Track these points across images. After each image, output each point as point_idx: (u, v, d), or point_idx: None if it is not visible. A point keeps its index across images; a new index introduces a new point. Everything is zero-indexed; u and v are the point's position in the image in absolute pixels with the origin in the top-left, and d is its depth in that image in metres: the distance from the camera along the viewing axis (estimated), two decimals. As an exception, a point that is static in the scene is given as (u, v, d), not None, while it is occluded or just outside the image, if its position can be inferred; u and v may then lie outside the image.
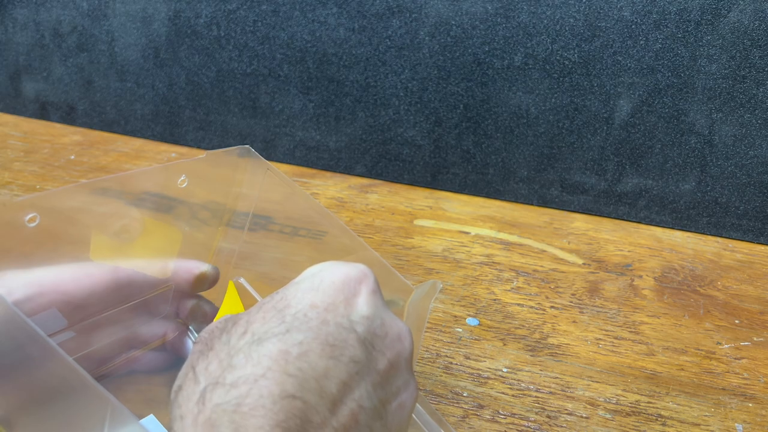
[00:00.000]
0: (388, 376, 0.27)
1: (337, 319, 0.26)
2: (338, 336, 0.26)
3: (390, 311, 0.29)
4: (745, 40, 0.55)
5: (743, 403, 0.41)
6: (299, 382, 0.23)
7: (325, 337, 0.26)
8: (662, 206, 0.61)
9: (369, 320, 0.27)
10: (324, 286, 0.28)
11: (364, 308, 0.28)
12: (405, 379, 0.28)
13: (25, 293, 0.31)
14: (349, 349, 0.26)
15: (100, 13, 0.73)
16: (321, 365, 0.24)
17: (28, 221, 0.30)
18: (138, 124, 0.76)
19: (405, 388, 0.28)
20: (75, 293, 0.33)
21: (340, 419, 0.24)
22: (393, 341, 0.28)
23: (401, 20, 0.63)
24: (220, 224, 0.42)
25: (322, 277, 0.28)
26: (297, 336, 0.25)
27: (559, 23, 0.59)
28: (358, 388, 0.25)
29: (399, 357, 0.28)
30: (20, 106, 0.80)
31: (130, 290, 0.36)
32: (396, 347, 0.28)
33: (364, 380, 0.26)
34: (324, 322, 0.26)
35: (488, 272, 0.53)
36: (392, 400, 0.27)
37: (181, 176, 0.37)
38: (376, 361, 0.27)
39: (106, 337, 0.36)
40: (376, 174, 0.69)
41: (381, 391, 0.26)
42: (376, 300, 0.29)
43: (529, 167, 0.64)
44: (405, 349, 0.28)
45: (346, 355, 0.25)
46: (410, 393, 0.28)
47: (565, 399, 0.40)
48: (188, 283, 0.38)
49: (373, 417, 0.25)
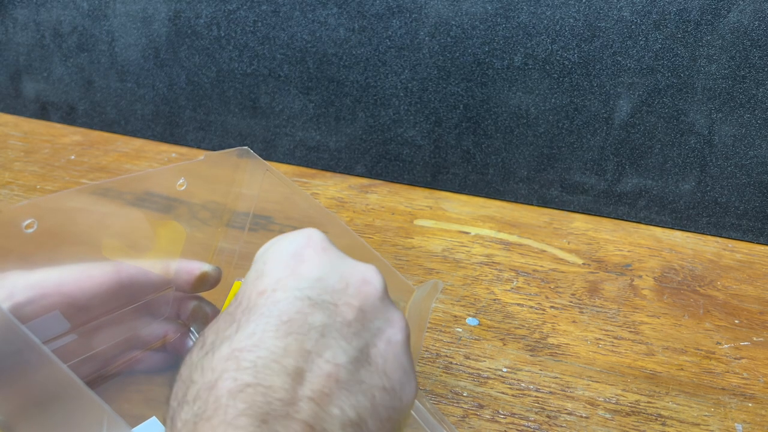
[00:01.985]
0: (362, 321, 0.27)
1: (286, 294, 0.26)
2: (290, 310, 0.26)
3: (349, 259, 0.29)
4: (745, 40, 0.55)
5: (743, 402, 0.41)
6: (255, 371, 0.23)
7: (278, 317, 0.25)
8: (662, 206, 0.61)
9: (320, 281, 0.27)
10: (268, 268, 0.28)
11: (313, 271, 0.27)
12: (384, 316, 0.28)
13: (27, 295, 0.31)
14: (305, 317, 0.25)
15: (100, 13, 0.73)
16: (279, 345, 0.24)
17: (25, 227, 0.30)
18: (138, 125, 0.76)
19: (388, 323, 0.28)
20: (77, 295, 0.33)
21: (313, 386, 0.24)
22: (357, 287, 0.28)
23: (401, 20, 0.63)
24: (220, 224, 0.42)
25: (265, 258, 0.28)
26: (247, 330, 0.25)
27: (558, 23, 0.59)
28: (327, 349, 0.25)
29: (368, 299, 0.27)
30: (20, 106, 0.80)
31: (132, 291, 0.36)
32: (362, 291, 0.28)
33: (332, 339, 0.25)
34: (274, 303, 0.26)
35: (488, 272, 0.53)
36: (375, 342, 0.27)
37: (180, 179, 0.37)
38: (342, 314, 0.26)
39: (107, 339, 0.36)
40: (376, 174, 0.69)
41: (357, 339, 0.26)
42: (326, 257, 0.28)
43: (529, 167, 0.64)
44: (374, 288, 0.28)
45: (303, 325, 0.25)
46: (396, 326, 0.28)
47: (565, 399, 0.40)
48: (189, 284, 0.38)
49: (357, 367, 0.25)
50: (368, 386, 0.25)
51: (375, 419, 0.25)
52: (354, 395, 0.25)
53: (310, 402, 0.23)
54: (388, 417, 0.26)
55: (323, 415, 0.23)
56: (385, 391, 0.26)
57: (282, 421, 0.22)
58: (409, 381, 0.27)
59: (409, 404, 0.27)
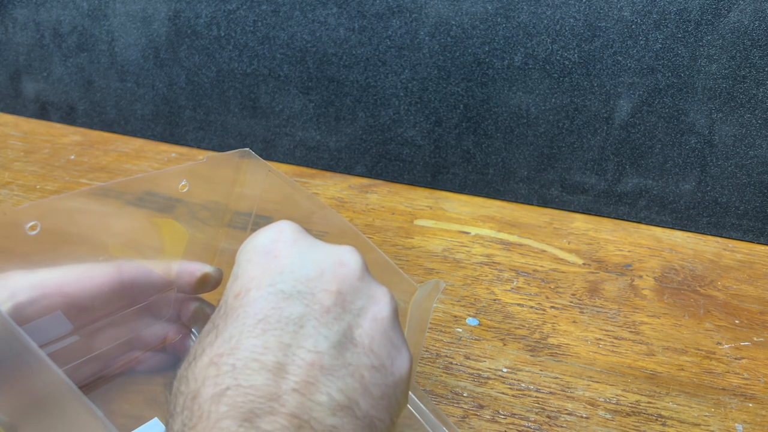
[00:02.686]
0: (341, 304, 0.26)
1: (260, 292, 0.26)
2: (265, 308, 0.26)
3: (324, 245, 0.29)
4: (746, 40, 0.55)
5: (743, 403, 0.41)
6: (234, 374, 0.23)
7: (254, 316, 0.25)
8: (662, 206, 0.61)
9: (293, 272, 0.27)
10: (241, 269, 0.28)
11: (286, 265, 0.27)
12: (366, 294, 0.28)
13: (28, 296, 0.31)
14: (280, 312, 0.25)
15: (100, 13, 0.73)
16: (257, 344, 0.24)
17: (29, 229, 0.30)
18: (138, 124, 0.76)
19: (371, 301, 0.27)
20: (79, 295, 0.33)
21: (296, 378, 0.24)
22: (333, 272, 0.27)
23: (401, 20, 0.63)
24: (220, 225, 0.42)
25: (239, 261, 0.28)
26: (225, 334, 0.25)
27: (559, 23, 0.59)
28: (308, 338, 0.25)
29: (345, 281, 0.27)
30: (20, 106, 0.80)
31: (134, 292, 0.36)
32: (339, 274, 0.27)
33: (311, 328, 0.25)
34: (249, 303, 0.26)
35: (488, 272, 0.53)
36: (359, 322, 0.27)
37: (182, 180, 0.37)
38: (319, 302, 0.26)
39: (109, 340, 0.36)
40: (376, 174, 0.69)
41: (338, 323, 0.26)
42: (298, 248, 0.28)
43: (529, 167, 0.64)
44: (351, 269, 0.28)
45: (280, 320, 0.25)
46: (380, 302, 0.28)
47: (565, 399, 0.40)
48: (191, 285, 0.38)
49: (340, 351, 0.25)
50: (355, 367, 0.25)
51: (367, 398, 0.25)
52: (341, 379, 0.24)
53: (294, 394, 0.23)
54: (381, 394, 0.25)
55: (310, 404, 0.23)
56: (375, 369, 0.26)
57: (266, 417, 0.22)
58: (399, 354, 0.27)
59: (404, 378, 0.27)
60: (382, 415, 0.25)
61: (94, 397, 0.35)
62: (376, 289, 0.28)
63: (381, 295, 0.28)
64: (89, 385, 0.36)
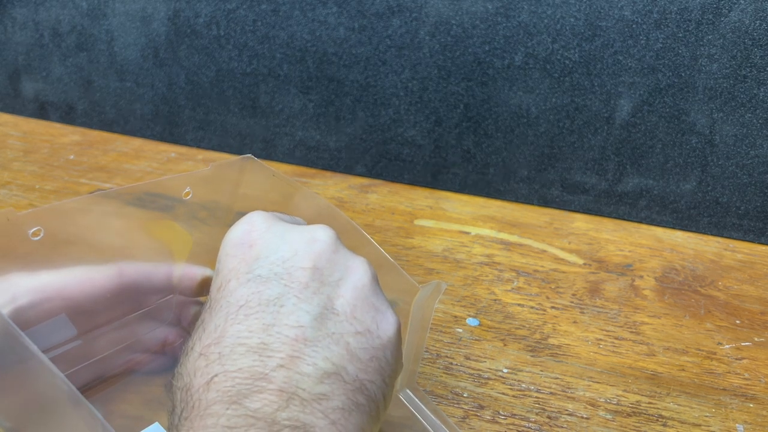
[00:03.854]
0: (319, 279, 0.27)
1: (240, 280, 0.27)
2: (245, 294, 0.26)
3: (297, 227, 0.30)
4: (746, 39, 0.55)
5: (744, 403, 0.40)
6: (221, 361, 0.24)
7: (235, 303, 0.26)
8: (663, 206, 0.61)
9: (267, 257, 0.28)
10: (221, 265, 0.29)
11: (261, 251, 0.28)
12: (342, 266, 0.28)
13: (30, 299, 0.31)
14: (260, 295, 0.26)
15: (99, 12, 0.73)
16: (240, 329, 0.25)
17: (32, 235, 0.30)
18: (137, 124, 0.76)
19: (348, 272, 0.28)
20: (80, 299, 0.33)
21: (281, 354, 0.24)
22: (307, 249, 0.28)
23: (401, 20, 0.63)
24: (221, 225, 0.42)
25: (219, 256, 0.29)
26: (210, 326, 0.26)
27: (559, 23, 0.59)
28: (289, 315, 0.25)
29: (320, 256, 0.28)
30: (19, 105, 0.80)
31: (135, 295, 0.36)
32: (313, 251, 0.28)
33: (291, 306, 0.26)
34: (230, 293, 0.27)
35: (489, 272, 0.53)
36: (339, 293, 0.27)
37: (185, 188, 0.37)
38: (296, 279, 0.27)
39: (109, 344, 0.36)
40: (376, 174, 0.69)
41: (317, 297, 0.26)
42: (271, 234, 0.29)
43: (529, 167, 0.64)
44: (324, 244, 0.28)
45: (260, 303, 0.26)
46: (358, 271, 0.28)
47: (566, 399, 0.40)
48: (191, 289, 0.38)
49: (322, 322, 0.26)
50: (339, 335, 0.26)
51: (354, 363, 0.25)
52: (326, 348, 0.25)
53: (280, 369, 0.24)
54: (369, 357, 0.26)
55: (296, 377, 0.24)
56: (359, 335, 0.26)
57: (255, 396, 0.23)
58: (384, 317, 0.28)
59: (392, 339, 0.27)
60: (373, 377, 0.26)
61: (94, 400, 0.35)
62: (353, 260, 0.29)
63: (358, 265, 0.29)
64: (89, 387, 0.36)
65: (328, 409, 0.23)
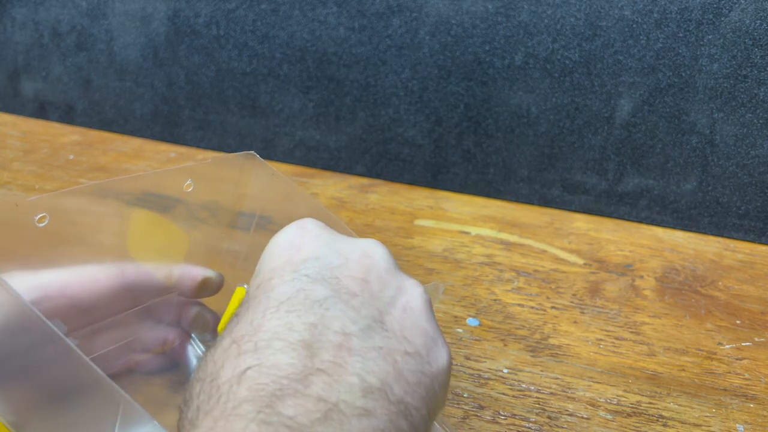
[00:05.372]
0: (369, 292, 0.26)
1: (284, 278, 0.26)
2: (289, 291, 0.25)
3: (348, 238, 0.28)
4: (747, 39, 0.55)
5: (744, 403, 0.40)
6: (256, 353, 0.22)
7: (276, 299, 0.25)
8: (663, 206, 0.61)
9: (317, 260, 0.26)
10: (264, 265, 0.27)
11: (308, 255, 0.27)
12: (395, 286, 0.27)
13: (31, 297, 0.31)
14: (305, 294, 0.25)
15: (99, 12, 0.73)
16: (280, 324, 0.23)
17: (37, 221, 0.30)
18: (137, 124, 0.76)
19: (401, 292, 0.27)
20: (81, 297, 0.33)
21: (323, 358, 0.22)
22: (358, 261, 0.27)
23: (401, 19, 0.63)
24: (222, 225, 0.42)
25: (262, 257, 0.28)
26: (246, 318, 0.24)
27: (559, 22, 0.59)
28: (335, 320, 0.24)
29: (371, 271, 0.27)
30: (19, 105, 0.80)
31: (136, 294, 0.36)
32: (365, 264, 0.27)
33: (338, 311, 0.24)
34: (271, 289, 0.25)
35: (489, 272, 0.53)
36: (389, 310, 0.26)
37: (186, 180, 0.37)
38: (345, 287, 0.25)
39: (109, 343, 0.36)
40: (376, 174, 0.69)
41: (366, 309, 0.25)
42: (322, 240, 0.28)
43: (529, 167, 0.64)
44: (377, 260, 0.27)
45: (305, 301, 0.24)
46: (411, 293, 0.27)
47: (566, 400, 0.40)
48: (191, 290, 0.38)
49: (370, 334, 0.24)
50: (387, 351, 0.24)
51: (401, 383, 0.23)
52: (372, 361, 0.23)
53: (321, 374, 0.22)
54: (417, 381, 0.24)
55: (338, 386, 0.22)
56: (409, 356, 0.24)
57: (290, 400, 0.20)
58: (436, 346, 0.26)
59: (443, 371, 0.25)
60: (419, 403, 0.23)
61: None
62: (406, 281, 0.27)
63: (411, 287, 0.27)
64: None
65: (367, 429, 0.21)
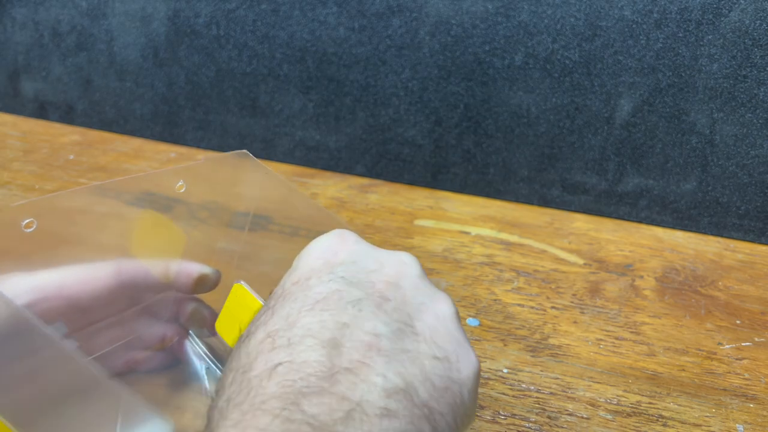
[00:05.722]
0: (402, 297, 0.27)
1: (321, 279, 0.26)
2: (324, 291, 0.26)
3: (384, 249, 0.29)
4: (747, 39, 0.55)
5: (744, 403, 0.40)
6: (289, 349, 0.23)
7: (313, 297, 0.25)
8: (663, 206, 0.61)
9: (353, 263, 0.27)
10: (302, 263, 0.28)
11: (345, 258, 0.28)
12: (427, 294, 0.28)
13: (28, 298, 0.31)
14: (340, 294, 0.25)
15: (99, 12, 0.73)
16: (314, 321, 0.24)
17: (24, 227, 0.30)
18: (137, 124, 0.76)
19: (432, 299, 0.27)
20: (79, 297, 0.33)
21: (351, 356, 0.23)
22: (393, 267, 0.28)
23: (401, 19, 0.63)
24: (220, 224, 0.42)
25: (300, 255, 0.29)
26: (281, 313, 0.25)
27: (559, 22, 0.59)
28: (366, 321, 0.24)
29: (405, 277, 0.28)
30: (19, 105, 0.80)
31: (133, 292, 0.36)
32: (399, 270, 0.28)
33: (370, 313, 0.25)
34: (308, 288, 0.26)
35: (489, 272, 0.53)
36: (420, 316, 0.26)
37: (179, 181, 0.37)
38: (379, 291, 0.26)
39: (108, 342, 0.36)
40: (376, 174, 0.69)
41: (397, 313, 0.26)
42: (360, 247, 0.29)
43: (529, 167, 0.64)
44: (411, 268, 0.28)
45: (339, 301, 0.25)
46: (442, 302, 0.27)
47: (566, 400, 0.40)
48: (188, 286, 0.38)
49: (400, 337, 0.25)
50: (416, 354, 0.24)
51: (427, 387, 0.23)
52: (399, 362, 0.23)
53: (347, 373, 0.22)
54: (444, 386, 0.24)
55: (363, 386, 0.22)
56: (437, 360, 0.25)
57: (315, 398, 0.21)
58: (466, 353, 0.26)
59: (471, 378, 0.26)
60: (444, 409, 0.24)
61: None
62: (437, 292, 0.28)
63: (442, 297, 0.28)
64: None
65: (389, 430, 0.21)
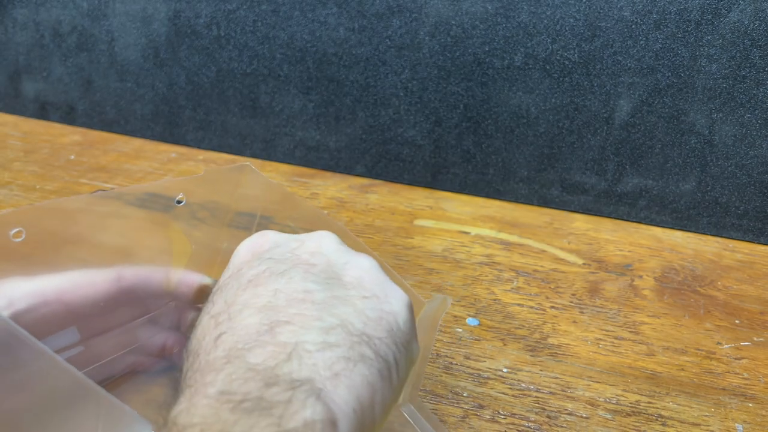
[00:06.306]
0: (325, 262, 0.29)
1: (251, 265, 0.29)
2: (254, 272, 0.28)
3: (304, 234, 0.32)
4: (745, 39, 0.55)
5: (743, 403, 0.41)
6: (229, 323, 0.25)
7: (245, 280, 0.28)
8: (662, 206, 0.61)
9: (278, 247, 0.30)
10: (233, 260, 0.31)
11: (270, 246, 0.30)
12: (349, 254, 0.30)
13: (27, 303, 0.30)
14: (270, 270, 0.28)
15: (99, 12, 0.73)
16: (247, 296, 0.26)
17: (13, 236, 0.30)
18: (138, 124, 0.76)
19: (355, 257, 0.30)
20: (78, 303, 0.33)
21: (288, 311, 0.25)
22: (313, 241, 0.30)
23: (401, 20, 0.63)
24: (221, 225, 0.42)
25: (232, 258, 0.31)
26: (220, 300, 0.27)
27: (559, 23, 0.59)
28: (297, 283, 0.27)
29: (324, 246, 0.30)
30: (20, 105, 0.80)
31: (133, 299, 0.36)
32: (318, 242, 0.30)
33: (298, 278, 0.27)
34: (239, 276, 0.28)
35: (488, 272, 0.53)
36: (346, 271, 0.29)
37: (178, 194, 0.37)
38: (303, 260, 0.29)
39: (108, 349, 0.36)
40: (376, 174, 0.69)
41: (324, 273, 0.28)
42: (281, 236, 0.31)
43: (529, 167, 0.64)
44: (330, 238, 0.31)
45: (269, 277, 0.27)
46: (364, 259, 0.30)
47: (565, 399, 0.40)
48: (189, 296, 0.38)
49: (330, 287, 0.27)
50: (346, 296, 0.27)
51: (361, 318, 0.26)
52: (332, 306, 0.26)
53: (286, 325, 0.24)
54: (378, 317, 0.27)
55: (301, 331, 0.24)
56: (367, 299, 0.27)
57: (258, 350, 0.23)
58: (393, 290, 0.29)
59: (403, 309, 0.28)
60: (382, 334, 0.26)
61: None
62: (358, 253, 0.31)
63: (363, 255, 0.31)
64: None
65: (331, 359, 0.24)
